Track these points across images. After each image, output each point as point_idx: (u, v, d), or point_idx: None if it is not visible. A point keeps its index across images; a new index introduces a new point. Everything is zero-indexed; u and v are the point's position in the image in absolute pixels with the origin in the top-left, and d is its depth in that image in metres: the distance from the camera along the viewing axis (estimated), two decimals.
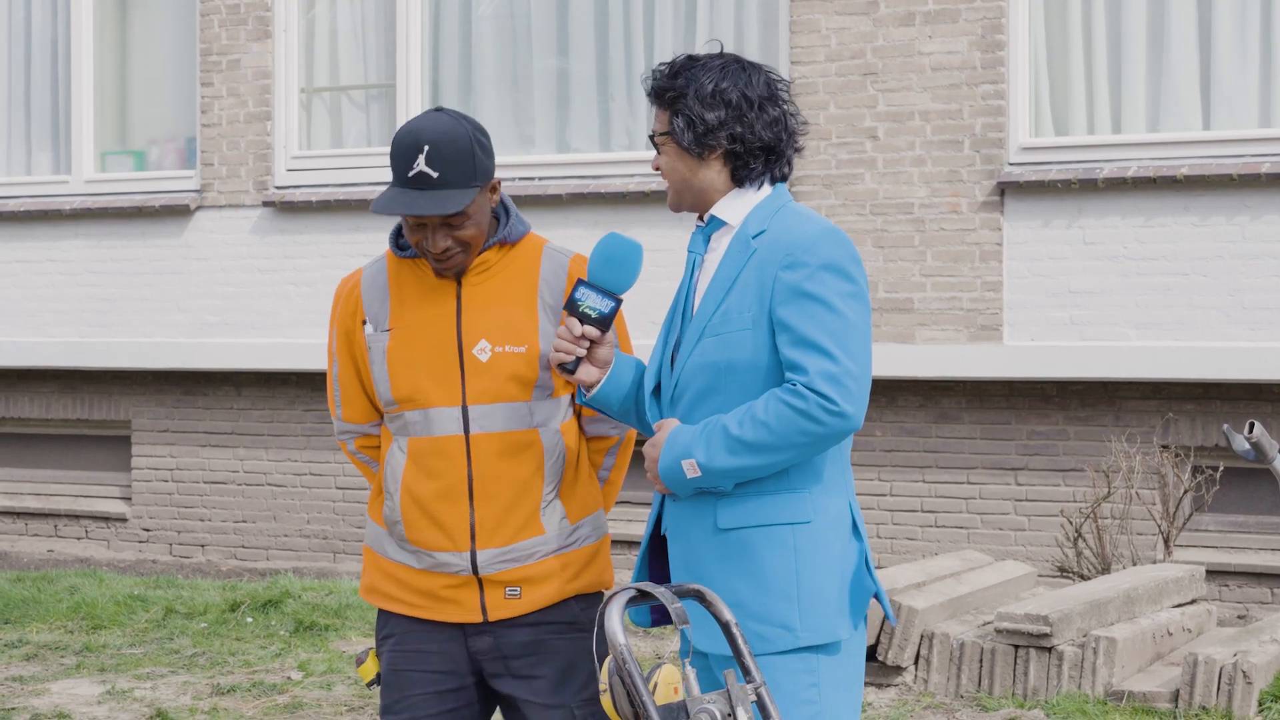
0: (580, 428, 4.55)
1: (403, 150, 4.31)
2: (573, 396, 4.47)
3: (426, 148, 4.28)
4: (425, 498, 4.41)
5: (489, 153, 4.40)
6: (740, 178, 4.17)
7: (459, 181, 4.30)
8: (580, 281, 4.22)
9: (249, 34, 12.48)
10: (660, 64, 4.26)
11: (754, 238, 4.12)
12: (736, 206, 4.18)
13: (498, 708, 4.61)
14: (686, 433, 4.06)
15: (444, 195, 4.28)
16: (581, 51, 11.88)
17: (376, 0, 12.34)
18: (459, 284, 4.43)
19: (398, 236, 4.52)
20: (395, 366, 4.43)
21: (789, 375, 3.99)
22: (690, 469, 4.04)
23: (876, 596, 4.16)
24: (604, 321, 4.20)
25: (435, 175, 4.28)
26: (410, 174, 4.29)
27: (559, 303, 4.42)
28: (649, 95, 4.24)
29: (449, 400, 4.39)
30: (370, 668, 4.57)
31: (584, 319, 4.20)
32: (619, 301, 4.21)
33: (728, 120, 4.12)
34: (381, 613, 4.58)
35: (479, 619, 4.42)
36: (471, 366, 4.39)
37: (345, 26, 12.48)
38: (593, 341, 4.24)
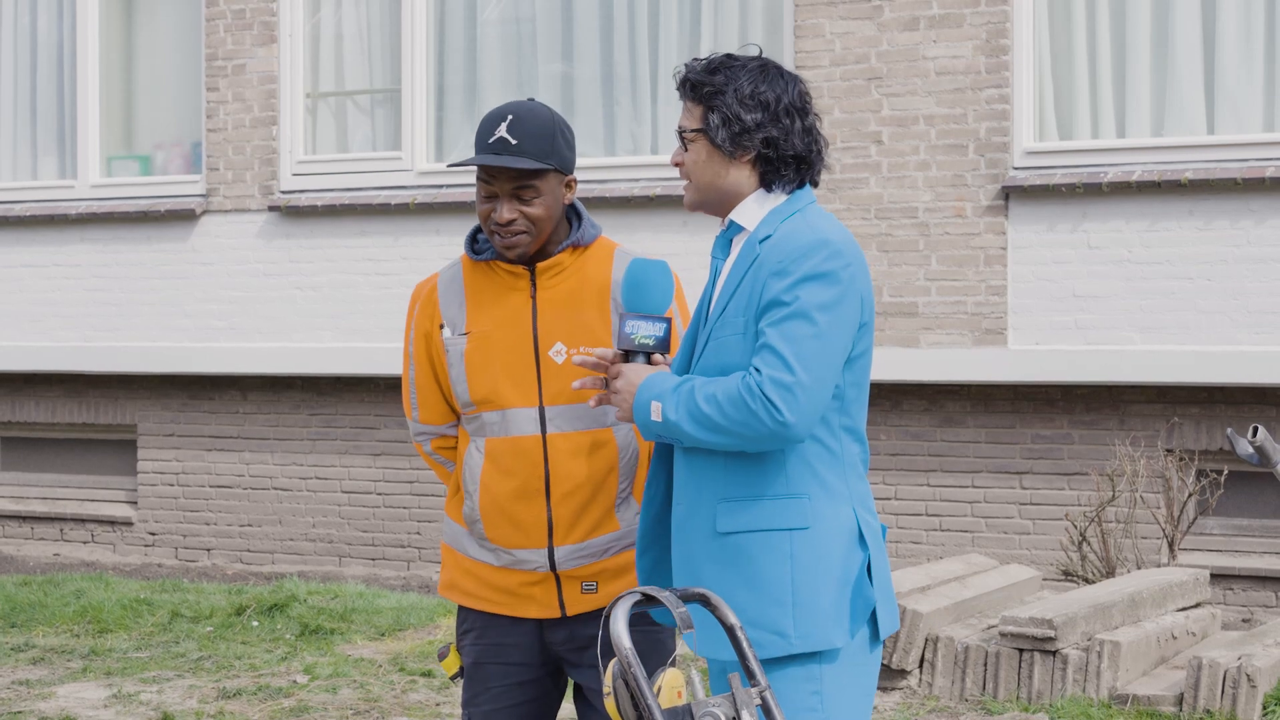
0: None
1: (487, 120, 4.46)
2: None
3: (510, 117, 4.44)
4: (503, 497, 4.50)
5: (571, 147, 4.52)
6: (769, 182, 4.15)
7: (535, 154, 4.41)
8: (624, 316, 4.20)
9: (254, 39, 12.49)
10: (695, 59, 4.23)
11: (760, 243, 4.10)
12: (754, 211, 4.16)
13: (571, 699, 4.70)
14: (667, 380, 4.07)
15: (512, 159, 4.39)
16: (586, 56, 11.89)
17: (381, 5, 12.35)
18: (534, 286, 4.50)
19: (474, 239, 4.60)
20: (473, 369, 4.51)
21: (750, 370, 4.00)
22: (656, 412, 4.05)
23: (875, 612, 4.12)
24: (664, 344, 4.18)
25: (514, 142, 4.41)
26: (490, 140, 4.42)
27: None
28: (681, 87, 4.21)
29: (526, 401, 4.47)
30: (453, 662, 4.66)
31: (643, 349, 4.17)
32: (669, 320, 4.19)
33: (765, 123, 4.11)
34: (461, 608, 4.66)
35: (557, 614, 4.51)
36: (548, 368, 4.47)
37: (350, 31, 12.49)
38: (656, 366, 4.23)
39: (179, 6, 13.04)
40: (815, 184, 4.25)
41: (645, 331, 4.16)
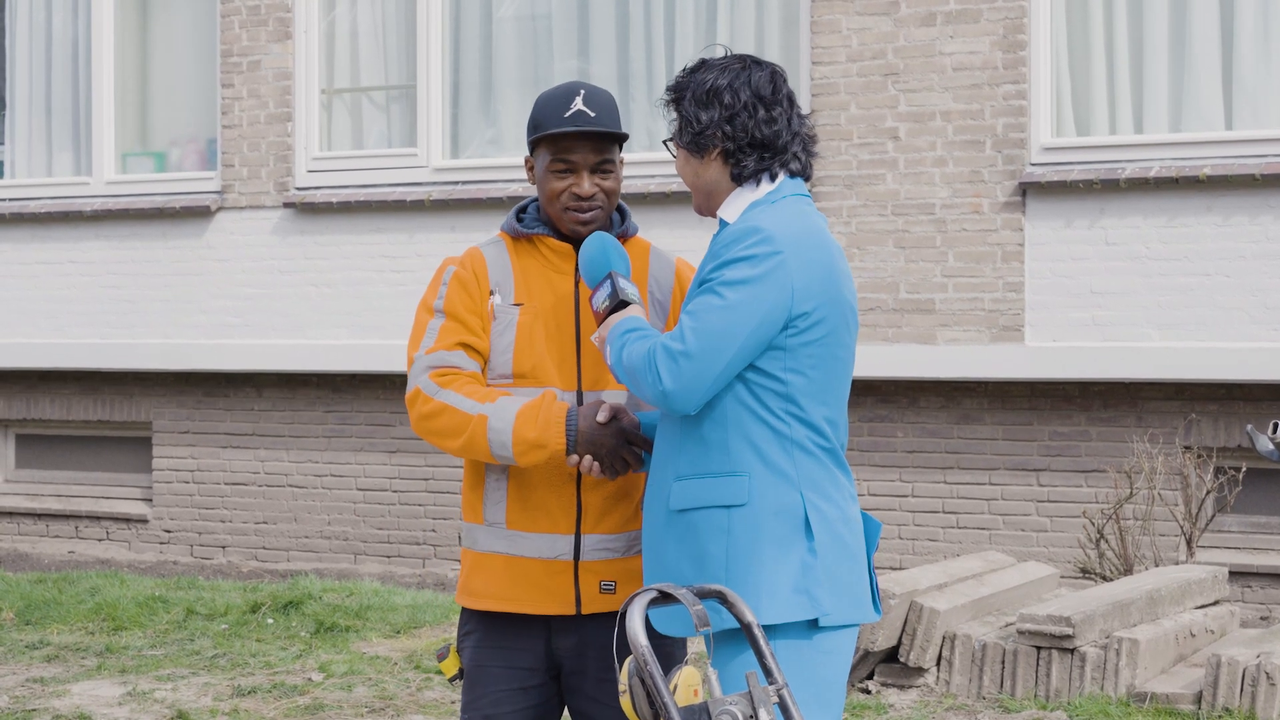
0: None
1: (558, 96, 4.46)
2: None
3: (583, 91, 4.45)
4: (535, 478, 4.43)
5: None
6: (736, 175, 4.22)
7: (613, 125, 4.45)
8: (590, 300, 4.31)
9: (269, 35, 12.49)
10: (683, 67, 4.35)
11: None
12: (736, 207, 4.23)
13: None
14: (622, 325, 4.20)
15: (605, 126, 4.43)
16: (602, 53, 11.88)
17: (397, 1, 12.34)
18: (578, 270, 4.48)
19: (519, 214, 4.57)
20: (522, 340, 4.45)
21: None
22: (607, 355, 4.21)
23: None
24: (614, 297, 4.26)
25: (592, 115, 4.42)
26: (568, 113, 4.41)
27: (666, 299, 4.53)
28: (664, 100, 4.34)
29: (566, 384, 4.44)
30: (452, 663, 4.58)
31: (607, 311, 4.26)
32: (609, 276, 4.27)
33: (719, 119, 4.18)
34: (464, 609, 4.58)
35: (571, 611, 4.43)
36: (588, 353, 4.45)
37: (365, 27, 12.48)
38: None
39: (194, 3, 13.04)
40: (803, 176, 4.28)
41: (599, 298, 4.29)
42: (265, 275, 12.49)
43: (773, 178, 4.22)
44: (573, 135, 4.41)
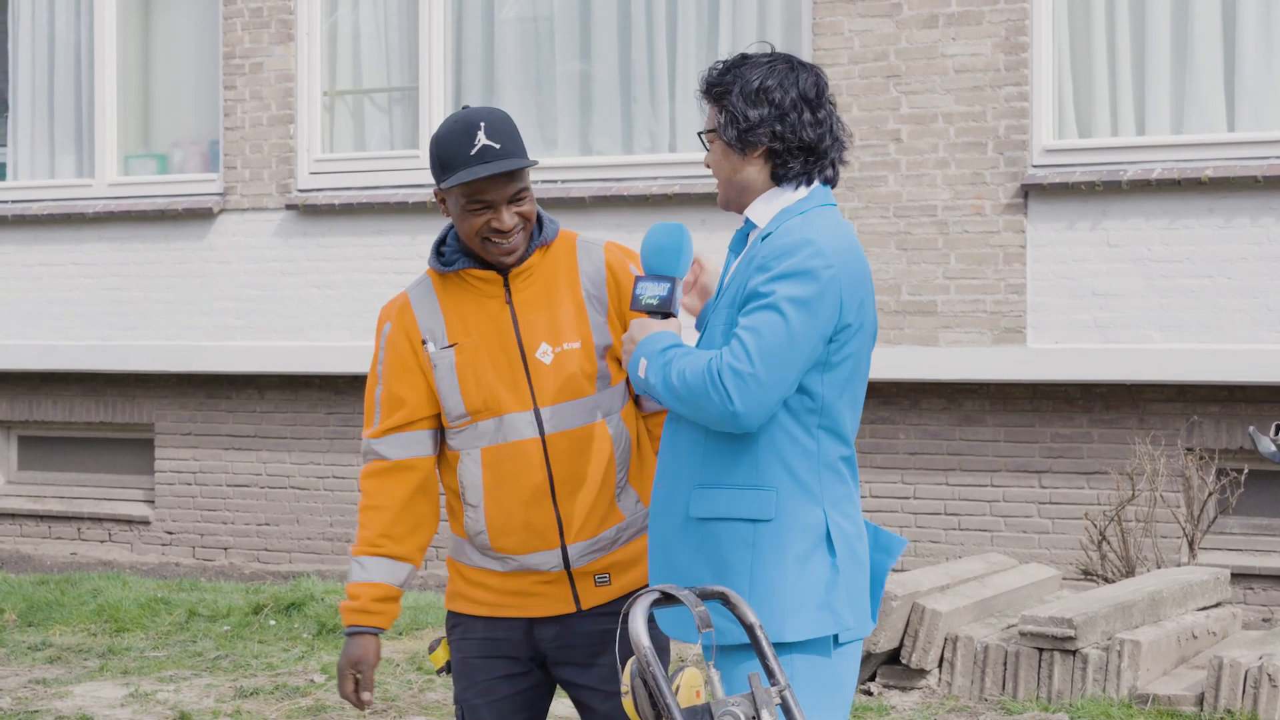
0: (638, 408, 4.61)
1: (460, 132, 4.39)
2: (628, 380, 4.52)
3: (484, 124, 4.39)
4: (510, 503, 4.46)
5: None
6: (778, 176, 4.20)
7: (519, 153, 4.40)
8: (638, 278, 4.27)
9: (271, 37, 12.49)
10: (716, 61, 4.30)
11: (762, 240, 4.16)
12: (767, 208, 4.21)
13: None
14: (660, 341, 4.14)
15: (514, 161, 4.37)
16: (604, 54, 11.87)
17: (399, 3, 12.34)
18: (508, 290, 4.48)
19: (439, 249, 4.55)
20: (465, 380, 4.47)
21: (719, 353, 4.06)
22: (641, 369, 4.14)
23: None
24: (667, 303, 4.23)
25: (498, 147, 4.37)
26: (473, 150, 4.36)
27: (601, 293, 4.51)
28: (700, 91, 4.29)
29: (521, 405, 4.45)
30: (441, 655, 4.68)
31: (649, 309, 4.23)
32: (673, 281, 4.24)
33: (769, 118, 4.15)
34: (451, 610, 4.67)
35: (572, 609, 4.49)
36: (536, 370, 4.45)
37: (368, 29, 12.48)
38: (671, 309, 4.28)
39: (196, 5, 13.04)
40: (832, 183, 4.27)
41: (650, 292, 4.24)
42: (267, 277, 12.49)
43: (809, 182, 4.22)
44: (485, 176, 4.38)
